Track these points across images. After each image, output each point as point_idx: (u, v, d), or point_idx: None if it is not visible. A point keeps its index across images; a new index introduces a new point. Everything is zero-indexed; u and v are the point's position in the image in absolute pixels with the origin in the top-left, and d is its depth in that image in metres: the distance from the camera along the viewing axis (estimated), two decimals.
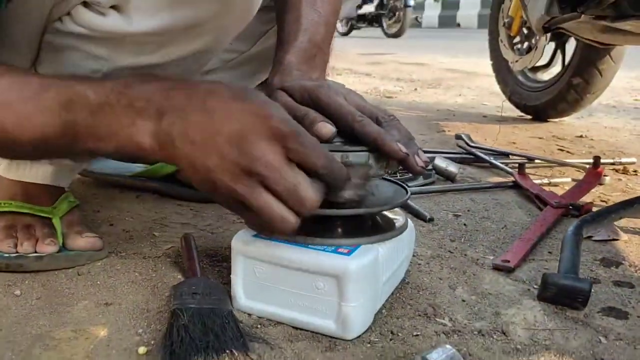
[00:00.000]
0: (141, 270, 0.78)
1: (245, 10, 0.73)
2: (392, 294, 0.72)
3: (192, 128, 0.51)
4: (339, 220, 0.67)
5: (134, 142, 0.53)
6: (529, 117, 2.12)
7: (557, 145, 1.68)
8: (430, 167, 1.25)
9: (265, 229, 0.56)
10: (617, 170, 1.38)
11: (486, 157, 1.38)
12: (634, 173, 1.36)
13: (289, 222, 0.53)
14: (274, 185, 0.51)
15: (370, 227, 0.70)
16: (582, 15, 1.20)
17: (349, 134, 0.63)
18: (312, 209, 0.54)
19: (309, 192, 0.53)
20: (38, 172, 0.82)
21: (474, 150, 1.45)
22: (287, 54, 0.73)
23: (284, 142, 0.52)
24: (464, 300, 0.71)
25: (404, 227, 0.71)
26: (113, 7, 0.65)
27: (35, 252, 0.76)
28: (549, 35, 1.74)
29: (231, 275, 0.66)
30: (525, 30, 1.97)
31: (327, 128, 0.61)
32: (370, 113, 0.65)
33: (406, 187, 0.73)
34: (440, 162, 1.24)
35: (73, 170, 0.87)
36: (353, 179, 0.60)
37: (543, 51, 1.86)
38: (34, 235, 0.79)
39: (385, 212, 0.73)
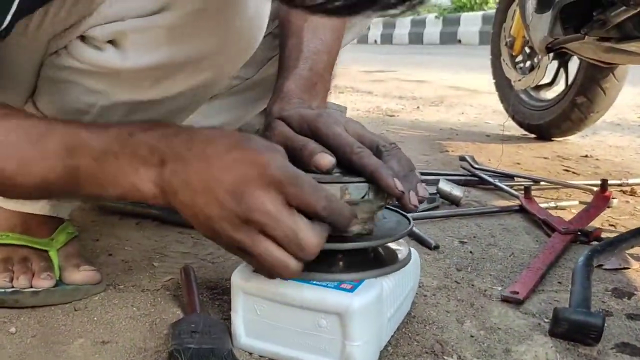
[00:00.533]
0: (139, 305, 0.76)
1: (245, 46, 0.72)
2: (398, 328, 0.70)
3: (193, 177, 0.52)
4: (341, 254, 0.65)
5: (137, 189, 0.54)
6: (532, 136, 2.10)
7: (563, 165, 1.66)
8: (434, 190, 1.23)
9: (267, 274, 0.56)
10: (624, 192, 1.36)
11: (491, 180, 1.37)
12: None
13: (289, 268, 0.53)
14: (272, 232, 0.51)
15: (373, 259, 0.68)
16: (586, 37, 1.19)
17: (347, 165, 0.61)
18: (313, 254, 0.53)
19: (309, 236, 0.52)
20: (37, 203, 0.81)
21: (478, 172, 1.43)
22: (287, 81, 0.72)
23: (282, 189, 0.51)
24: (472, 336, 0.69)
25: (407, 259, 0.69)
26: (110, 41, 0.64)
27: (32, 286, 0.75)
28: (551, 54, 1.73)
29: (231, 313, 0.65)
30: (527, 49, 1.97)
31: (326, 159, 0.60)
32: (370, 142, 0.63)
33: (409, 217, 0.71)
34: (445, 185, 1.22)
35: (73, 201, 0.85)
36: (359, 215, 0.58)
37: (546, 70, 1.86)
38: (30, 269, 0.77)
39: (388, 244, 0.71)
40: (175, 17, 0.63)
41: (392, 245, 0.71)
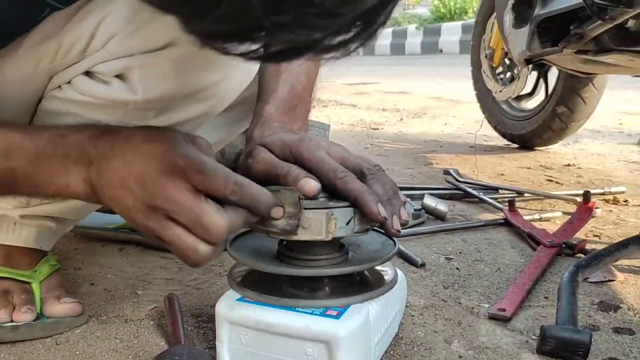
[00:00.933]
0: (122, 337, 0.74)
1: (245, 75, 0.73)
2: (386, 351, 0.69)
3: (112, 173, 0.54)
4: (326, 279, 0.64)
5: (70, 189, 0.57)
6: (515, 146, 2.12)
7: (546, 175, 1.67)
8: (419, 206, 1.23)
9: (183, 259, 0.56)
10: (607, 201, 1.37)
11: (475, 193, 1.37)
12: (625, 203, 1.35)
13: (198, 252, 0.53)
14: (177, 217, 0.52)
15: (358, 283, 0.67)
16: (564, 50, 1.20)
17: (332, 190, 0.61)
18: (219, 236, 0.53)
19: (214, 220, 0.52)
20: (21, 235, 0.80)
21: (462, 185, 1.44)
22: (267, 105, 0.72)
23: (186, 175, 0.52)
24: (460, 357, 0.69)
25: (393, 281, 0.68)
26: (117, 75, 0.64)
27: (12, 320, 0.73)
28: (530, 65, 1.75)
29: (216, 342, 0.63)
30: (507, 61, 1.99)
31: (311, 184, 0.59)
32: (353, 166, 0.63)
33: (394, 239, 0.70)
34: (430, 201, 1.23)
35: (56, 232, 0.84)
36: (287, 207, 0.57)
37: (526, 81, 1.88)
38: (10, 303, 0.75)
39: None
40: (181, 52, 0.64)
41: (378, 267, 0.71)
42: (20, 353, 0.71)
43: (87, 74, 0.66)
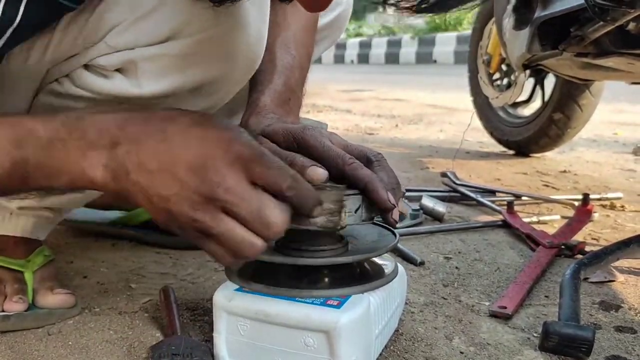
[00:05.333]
0: (116, 328, 0.72)
1: (249, 68, 0.71)
2: (386, 346, 0.68)
3: (149, 157, 0.49)
4: (326, 269, 0.63)
5: (85, 175, 0.50)
6: (511, 152, 2.12)
7: (542, 180, 1.67)
8: (417, 207, 1.22)
9: (230, 256, 0.51)
10: (604, 206, 1.36)
11: (473, 195, 1.36)
12: (622, 208, 1.35)
13: (255, 246, 0.50)
14: (236, 210, 0.49)
15: (359, 274, 0.66)
16: (564, 53, 1.20)
17: (339, 177, 0.60)
18: (279, 232, 0.50)
19: (275, 213, 0.49)
20: (17, 225, 0.78)
21: (460, 188, 1.43)
22: (262, 95, 0.71)
23: (247, 166, 0.49)
24: (462, 352, 0.67)
25: (394, 273, 0.67)
26: (118, 69, 0.63)
27: (3, 310, 0.71)
28: (528, 71, 1.75)
29: (213, 334, 0.62)
30: (504, 67, 1.99)
31: (319, 171, 0.57)
32: (358, 153, 0.62)
33: (395, 231, 0.69)
34: (428, 201, 1.22)
35: (52, 222, 0.82)
36: (325, 204, 0.55)
37: (523, 87, 1.88)
38: (2, 292, 0.74)
39: (374, 258, 0.70)
40: (183, 44, 0.63)
41: (378, 259, 0.70)
42: (11, 343, 0.69)
43: (87, 67, 0.65)
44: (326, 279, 0.63)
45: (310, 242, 0.62)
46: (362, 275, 0.66)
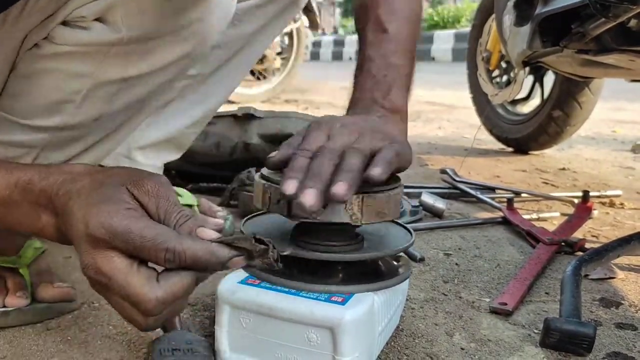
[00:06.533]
0: (116, 323, 0.72)
1: (224, 14, 0.73)
2: (387, 342, 0.68)
3: (68, 230, 0.51)
4: (340, 265, 0.63)
5: (44, 234, 0.55)
6: (510, 149, 2.12)
7: (541, 178, 1.67)
8: (417, 203, 1.22)
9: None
10: (603, 204, 1.37)
11: (473, 192, 1.36)
12: (621, 206, 1.35)
13: (137, 324, 0.50)
14: (110, 289, 0.48)
15: (371, 272, 0.65)
16: (564, 50, 1.20)
17: None
18: (149, 310, 0.48)
19: (141, 292, 0.47)
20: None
21: (460, 185, 1.43)
22: (359, 75, 0.72)
23: (111, 245, 0.48)
24: (462, 349, 0.67)
25: (407, 273, 0.66)
26: (97, 19, 0.63)
27: (4, 305, 0.71)
28: (527, 68, 1.75)
29: (215, 327, 0.61)
30: (503, 64, 1.99)
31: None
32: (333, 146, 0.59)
33: (410, 229, 0.69)
34: (427, 198, 1.21)
35: None
36: (247, 246, 0.50)
37: (522, 84, 1.87)
38: (4, 288, 0.73)
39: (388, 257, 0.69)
40: None
41: (391, 258, 0.69)
42: (10, 338, 0.68)
43: (65, 24, 0.64)
44: (340, 275, 0.62)
45: (326, 237, 0.61)
46: (374, 273, 0.66)
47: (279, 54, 4.02)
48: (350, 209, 0.57)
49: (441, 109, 3.65)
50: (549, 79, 1.91)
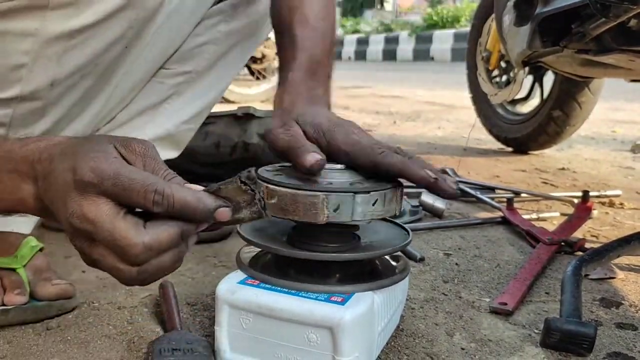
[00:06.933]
0: (116, 323, 0.72)
1: None
2: (387, 342, 0.67)
3: (48, 192, 0.51)
4: (336, 265, 0.63)
5: (22, 204, 0.54)
6: (509, 149, 2.12)
7: (541, 178, 1.67)
8: (417, 203, 1.22)
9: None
10: (603, 203, 1.37)
11: (473, 192, 1.36)
12: (621, 206, 1.35)
13: (120, 274, 0.48)
14: (95, 237, 0.47)
15: (368, 272, 0.66)
16: (565, 49, 1.20)
17: (371, 168, 0.60)
18: (135, 257, 0.47)
19: (127, 237, 0.46)
20: None
21: (459, 184, 1.43)
22: (290, 72, 0.73)
23: (100, 190, 0.47)
24: (463, 349, 0.67)
25: (405, 272, 0.66)
26: None
27: (3, 304, 0.70)
28: (527, 68, 1.75)
29: (215, 327, 0.61)
30: (503, 64, 1.99)
31: (310, 156, 0.58)
32: (387, 147, 0.63)
33: (408, 229, 0.69)
34: (427, 198, 1.21)
35: (28, 215, 0.81)
36: (239, 198, 0.49)
37: (522, 84, 1.87)
38: (1, 286, 0.73)
39: (385, 256, 0.69)
40: None
41: (388, 257, 0.69)
42: (10, 337, 0.68)
43: None
44: (336, 275, 0.62)
45: (323, 237, 0.62)
46: (372, 272, 0.66)
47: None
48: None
49: (440, 108, 3.65)
50: (549, 78, 1.91)
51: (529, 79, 1.99)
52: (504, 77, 1.99)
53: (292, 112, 0.67)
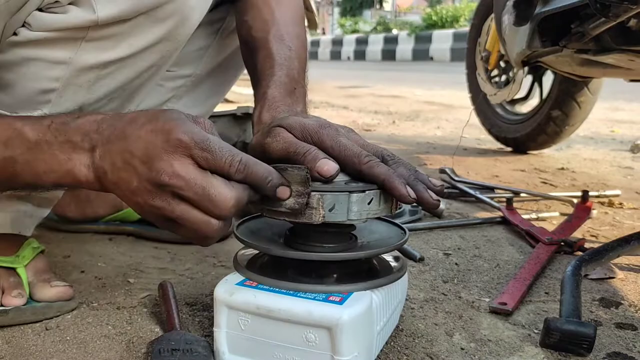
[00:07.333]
0: (115, 323, 0.72)
1: None
2: (386, 342, 0.67)
3: (116, 156, 0.54)
4: (333, 265, 0.63)
5: (71, 175, 0.56)
6: (509, 149, 2.12)
7: (540, 178, 1.67)
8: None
9: (196, 237, 0.55)
10: (602, 203, 1.37)
11: (472, 192, 1.36)
12: (620, 205, 1.35)
13: (210, 225, 0.53)
14: (183, 193, 0.52)
15: (366, 271, 0.66)
16: (564, 49, 1.20)
17: (356, 176, 0.60)
18: (228, 209, 0.53)
19: (221, 192, 0.52)
20: None
21: (459, 184, 1.43)
22: (269, 88, 0.72)
23: (190, 152, 0.52)
24: (462, 349, 0.67)
25: (402, 270, 0.66)
26: (71, 3, 0.63)
27: (1, 305, 0.70)
28: (526, 68, 1.75)
29: (214, 328, 0.61)
30: (502, 64, 1.99)
31: (329, 165, 0.58)
32: (375, 152, 0.62)
33: (404, 227, 0.69)
34: None
35: (33, 216, 0.80)
36: (293, 186, 0.56)
37: (521, 84, 1.87)
38: (0, 288, 0.73)
39: (382, 255, 0.69)
40: None
41: (385, 256, 0.69)
42: (9, 337, 0.68)
43: (40, 10, 0.64)
44: (333, 275, 0.62)
45: (319, 237, 0.62)
46: (369, 272, 0.66)
47: None
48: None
49: (440, 108, 3.65)
50: (548, 78, 1.91)
51: (528, 78, 1.99)
52: (503, 77, 1.99)
53: (272, 123, 0.66)
